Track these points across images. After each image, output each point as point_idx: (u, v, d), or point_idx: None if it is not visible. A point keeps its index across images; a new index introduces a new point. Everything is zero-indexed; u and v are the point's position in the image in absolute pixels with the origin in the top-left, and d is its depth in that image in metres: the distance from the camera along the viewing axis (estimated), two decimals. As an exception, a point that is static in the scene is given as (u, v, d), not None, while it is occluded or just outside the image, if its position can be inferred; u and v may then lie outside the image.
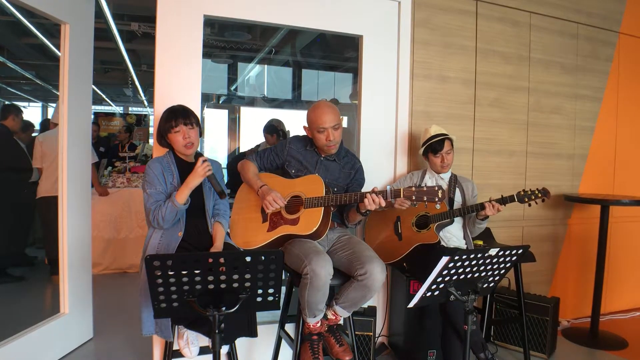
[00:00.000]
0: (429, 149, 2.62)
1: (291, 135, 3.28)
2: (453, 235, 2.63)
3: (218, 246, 2.10)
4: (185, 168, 2.11)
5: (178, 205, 1.99)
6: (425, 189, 1.95)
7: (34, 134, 4.69)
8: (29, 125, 4.70)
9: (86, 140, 2.99)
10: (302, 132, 2.41)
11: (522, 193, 2.41)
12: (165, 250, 2.03)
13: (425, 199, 1.95)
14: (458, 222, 2.65)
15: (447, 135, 2.60)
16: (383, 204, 2.03)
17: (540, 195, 2.39)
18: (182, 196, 2.01)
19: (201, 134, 2.23)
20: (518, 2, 3.29)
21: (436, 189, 1.93)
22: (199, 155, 2.11)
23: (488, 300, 2.88)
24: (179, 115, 2.10)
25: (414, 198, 1.96)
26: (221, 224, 2.20)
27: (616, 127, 3.76)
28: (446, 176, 2.70)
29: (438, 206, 1.95)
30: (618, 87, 3.73)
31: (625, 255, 3.80)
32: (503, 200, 2.41)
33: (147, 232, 2.13)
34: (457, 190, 2.67)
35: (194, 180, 2.03)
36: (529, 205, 2.42)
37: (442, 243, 2.58)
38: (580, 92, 3.57)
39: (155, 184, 2.06)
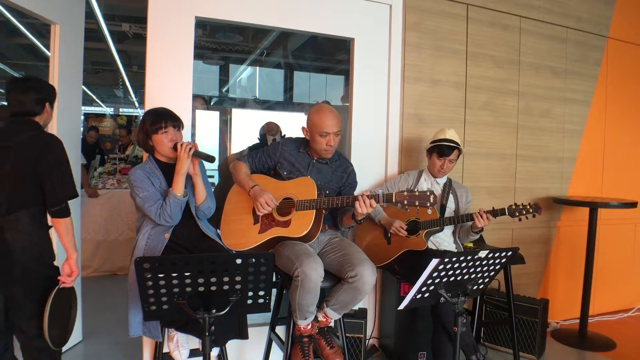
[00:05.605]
0: (436, 149, 2.59)
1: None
2: (444, 240, 2.64)
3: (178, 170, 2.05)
4: (169, 170, 2.09)
5: (178, 197, 2.00)
6: (417, 193, 1.95)
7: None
8: None
9: (76, 141, 2.96)
10: (293, 134, 2.41)
11: (514, 207, 2.39)
12: (151, 252, 2.02)
13: (417, 204, 1.95)
14: (448, 228, 2.65)
15: (459, 145, 2.58)
16: (375, 206, 2.03)
17: (531, 211, 2.37)
18: (178, 186, 2.02)
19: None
20: (508, 7, 3.32)
21: (428, 194, 1.93)
22: (175, 144, 2.08)
23: (478, 302, 2.90)
24: (167, 117, 2.10)
25: (406, 202, 1.96)
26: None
27: (604, 130, 3.80)
28: (442, 181, 2.69)
29: (429, 211, 1.94)
30: (606, 91, 3.78)
31: (613, 258, 3.84)
32: (494, 213, 2.40)
33: (136, 235, 2.12)
34: (451, 196, 2.66)
35: (182, 165, 2.02)
36: (519, 219, 2.40)
37: (433, 247, 2.58)
38: (570, 96, 3.60)
39: (146, 186, 2.04)
